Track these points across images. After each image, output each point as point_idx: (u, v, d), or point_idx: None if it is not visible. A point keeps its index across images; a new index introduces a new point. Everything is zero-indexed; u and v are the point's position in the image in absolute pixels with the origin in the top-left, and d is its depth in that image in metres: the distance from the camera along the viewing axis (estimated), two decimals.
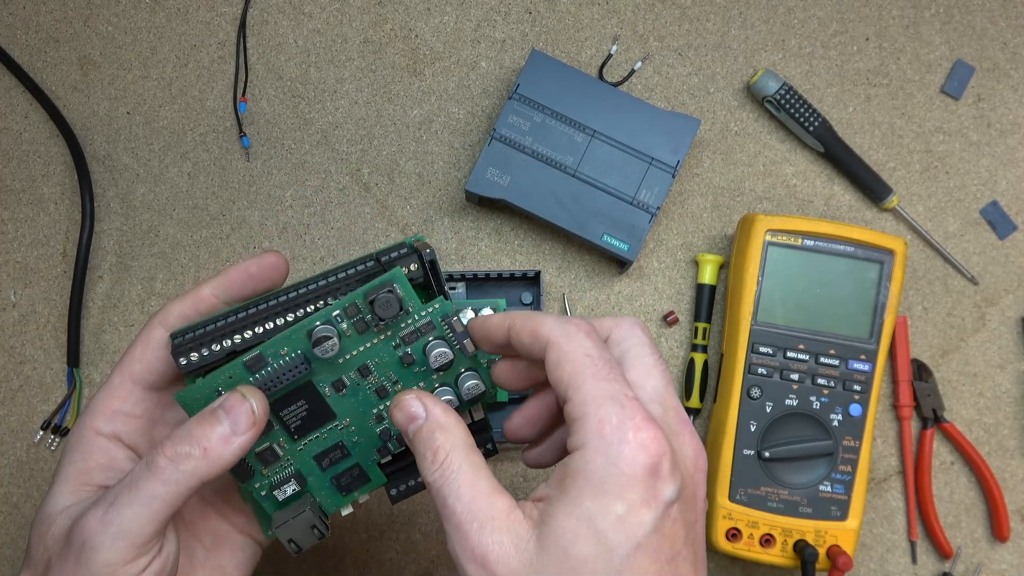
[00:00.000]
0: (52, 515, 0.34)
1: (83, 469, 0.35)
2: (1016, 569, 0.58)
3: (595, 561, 0.27)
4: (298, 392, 0.36)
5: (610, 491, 0.28)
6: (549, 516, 0.28)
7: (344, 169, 0.59)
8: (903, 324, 0.58)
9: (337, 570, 0.57)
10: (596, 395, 0.29)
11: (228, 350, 0.34)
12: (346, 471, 0.38)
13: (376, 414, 0.37)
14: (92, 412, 0.36)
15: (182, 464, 0.32)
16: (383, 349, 0.36)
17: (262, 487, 0.37)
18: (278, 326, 0.35)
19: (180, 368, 0.34)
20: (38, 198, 0.58)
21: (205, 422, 0.33)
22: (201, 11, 0.59)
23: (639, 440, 0.28)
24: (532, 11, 0.60)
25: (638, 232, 0.55)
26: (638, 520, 0.28)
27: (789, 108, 0.58)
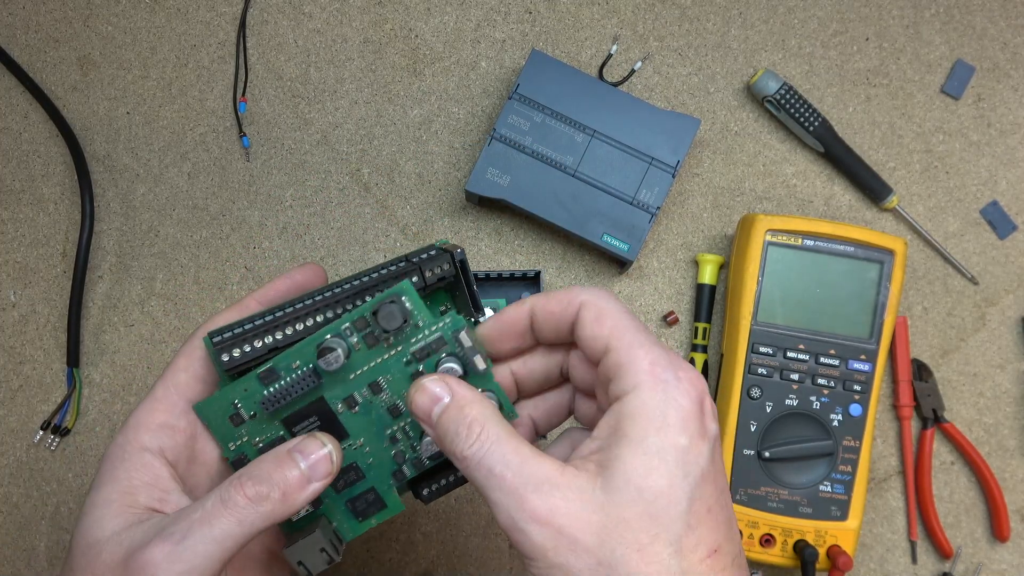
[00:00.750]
0: (100, 541, 0.32)
1: (127, 489, 0.33)
2: (1016, 569, 0.58)
3: (670, 491, 0.29)
4: (311, 408, 0.35)
5: (672, 425, 0.30)
6: (612, 460, 0.30)
7: (344, 169, 0.59)
8: (903, 324, 0.58)
9: (337, 570, 0.57)
10: (641, 341, 0.31)
11: (270, 346, 0.34)
12: (361, 495, 0.37)
13: (390, 435, 0.36)
14: (136, 426, 0.34)
15: (260, 506, 0.31)
16: (394, 365, 0.35)
17: None
18: (317, 323, 0.34)
19: (222, 365, 0.34)
20: (38, 198, 0.58)
21: (283, 464, 0.32)
22: (201, 11, 0.59)
23: (688, 379, 0.31)
24: (532, 11, 0.60)
25: (638, 232, 0.55)
26: (699, 451, 0.30)
27: (789, 108, 0.58)
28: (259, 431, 0.36)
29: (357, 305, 0.35)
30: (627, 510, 0.29)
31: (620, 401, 0.31)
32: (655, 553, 0.29)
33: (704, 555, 0.29)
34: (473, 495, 0.58)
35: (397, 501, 0.37)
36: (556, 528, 0.29)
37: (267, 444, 0.36)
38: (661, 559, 0.29)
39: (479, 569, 0.57)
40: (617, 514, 0.29)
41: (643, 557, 0.28)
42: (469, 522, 0.58)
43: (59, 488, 0.57)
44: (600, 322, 0.33)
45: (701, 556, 0.29)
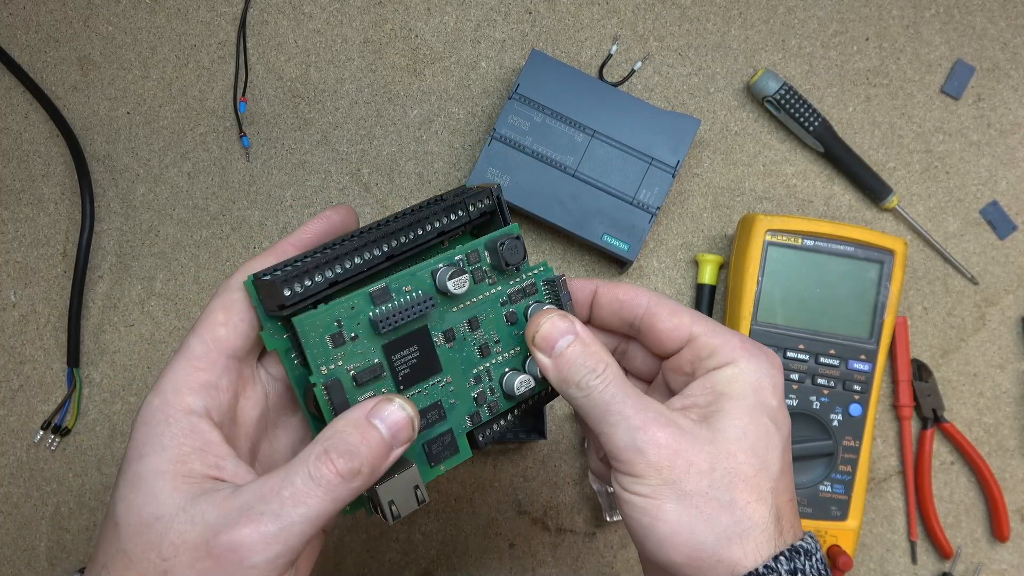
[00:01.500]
0: (163, 518, 0.29)
1: (179, 457, 0.30)
2: (1016, 569, 0.58)
3: (768, 438, 0.33)
4: (412, 338, 0.35)
5: (766, 389, 0.34)
6: (716, 412, 0.34)
7: (344, 169, 0.59)
8: (903, 324, 0.58)
9: (337, 570, 0.57)
10: (723, 327, 0.36)
11: (330, 280, 0.32)
12: (438, 437, 0.36)
13: (475, 375, 0.36)
14: (177, 388, 0.32)
15: (352, 482, 0.30)
16: (492, 304, 0.36)
17: None
18: (376, 256, 0.33)
19: (284, 300, 0.31)
20: (38, 198, 0.58)
21: (368, 434, 0.31)
22: (201, 11, 0.60)
23: (773, 355, 0.36)
24: (532, 11, 0.60)
25: (638, 232, 0.55)
26: (784, 413, 0.35)
27: (789, 108, 0.58)
28: (356, 356, 0.33)
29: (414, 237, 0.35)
30: (734, 446, 0.33)
31: (719, 370, 0.35)
32: (758, 485, 0.32)
33: (789, 498, 0.34)
34: (473, 495, 0.58)
35: (467, 447, 0.37)
36: (674, 450, 0.32)
37: (360, 371, 0.33)
38: (762, 492, 0.32)
39: (479, 569, 0.57)
40: (725, 448, 0.33)
41: (748, 486, 0.32)
42: (469, 522, 0.58)
43: (59, 488, 0.57)
44: (678, 315, 0.36)
45: (788, 498, 0.34)
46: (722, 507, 0.32)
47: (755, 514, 0.32)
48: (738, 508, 0.32)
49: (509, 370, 0.37)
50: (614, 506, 0.56)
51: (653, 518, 0.32)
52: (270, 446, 0.36)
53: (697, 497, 0.32)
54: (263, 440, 0.36)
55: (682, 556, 0.32)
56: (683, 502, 0.32)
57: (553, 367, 0.35)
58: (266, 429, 0.36)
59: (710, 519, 0.32)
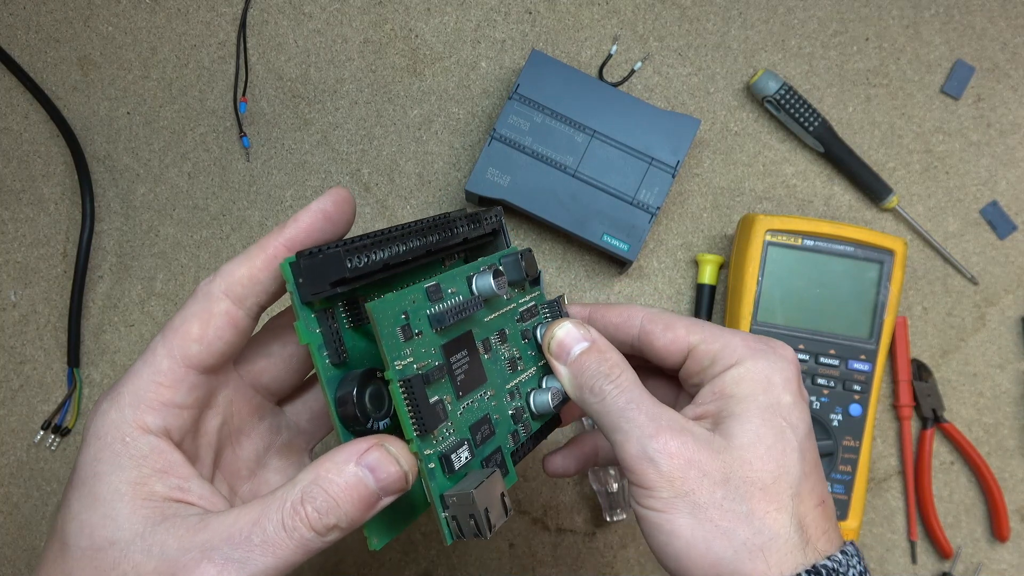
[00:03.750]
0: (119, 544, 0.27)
1: (138, 479, 0.28)
2: (1016, 569, 0.58)
3: (784, 441, 0.32)
4: (462, 341, 0.33)
5: (777, 385, 0.33)
6: (727, 417, 0.32)
7: (344, 169, 0.59)
8: (903, 324, 0.58)
9: (337, 570, 0.57)
10: (723, 329, 0.35)
11: (384, 261, 0.30)
12: (491, 455, 0.33)
13: (510, 390, 0.35)
14: (136, 403, 0.29)
15: (328, 536, 0.28)
16: (510, 319, 0.36)
17: (433, 455, 0.30)
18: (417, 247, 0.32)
19: (345, 273, 0.28)
20: (38, 198, 0.58)
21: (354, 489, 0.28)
22: (201, 11, 0.59)
23: (783, 347, 0.35)
24: (532, 11, 0.60)
25: (638, 232, 0.55)
26: (801, 409, 0.33)
27: (789, 108, 0.58)
28: (421, 354, 0.31)
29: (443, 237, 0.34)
30: (749, 452, 0.31)
31: (725, 374, 0.34)
32: (777, 493, 0.31)
33: (815, 503, 0.32)
34: None
35: (513, 469, 0.35)
36: (686, 460, 0.31)
37: (429, 370, 0.30)
38: (782, 500, 0.31)
39: (479, 569, 0.57)
40: (740, 455, 0.31)
41: (766, 495, 0.31)
42: None
43: (59, 488, 0.57)
44: (672, 328, 0.35)
45: (814, 504, 0.32)
46: (739, 519, 0.30)
47: (775, 524, 0.30)
48: (756, 519, 0.30)
49: (532, 389, 0.37)
50: (614, 506, 0.56)
51: (668, 533, 0.31)
52: (233, 454, 0.34)
53: (712, 509, 0.30)
54: (226, 448, 0.34)
55: (700, 572, 0.30)
56: (697, 515, 0.30)
57: (568, 374, 0.34)
58: (229, 437, 0.34)
59: (727, 532, 0.30)
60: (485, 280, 0.34)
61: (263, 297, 0.31)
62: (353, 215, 0.33)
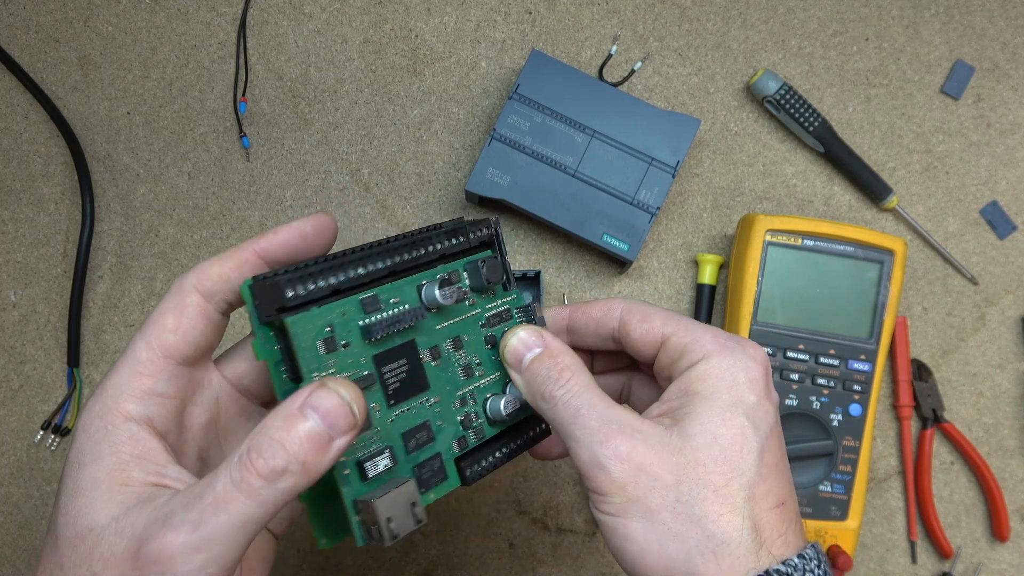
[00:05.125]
0: (95, 529, 0.28)
1: (116, 466, 0.29)
2: (1016, 569, 0.58)
3: (743, 440, 0.31)
4: (401, 350, 0.34)
5: (742, 384, 0.32)
6: (687, 415, 0.32)
7: (344, 169, 0.59)
8: (903, 324, 0.58)
9: (337, 570, 0.57)
10: (696, 324, 0.34)
11: (333, 286, 0.31)
12: (427, 462, 0.34)
13: (461, 396, 0.36)
14: (117, 394, 0.30)
15: (279, 482, 0.27)
16: (472, 325, 0.36)
17: (348, 462, 0.31)
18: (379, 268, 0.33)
19: (285, 301, 0.30)
20: (38, 198, 0.58)
21: (296, 425, 0.28)
22: (201, 11, 0.60)
23: (752, 347, 0.34)
24: (532, 11, 0.60)
25: (638, 232, 0.55)
26: (765, 409, 0.32)
27: (789, 108, 0.58)
28: (348, 364, 0.32)
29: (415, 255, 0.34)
30: (703, 453, 0.31)
31: (691, 369, 0.33)
32: (730, 495, 0.30)
33: (773, 505, 0.31)
34: (473, 495, 0.58)
35: (455, 475, 0.35)
36: (636, 465, 0.30)
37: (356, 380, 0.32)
38: (735, 501, 0.30)
39: (479, 569, 0.57)
40: (694, 457, 0.31)
41: (718, 497, 0.30)
42: (469, 522, 0.58)
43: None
44: (648, 319, 0.35)
45: (771, 505, 0.31)
46: (691, 522, 0.30)
47: (727, 527, 0.30)
48: (708, 521, 0.30)
49: (491, 395, 0.37)
50: None
51: (623, 538, 0.31)
52: (220, 452, 0.35)
53: (664, 512, 0.30)
54: (212, 447, 0.34)
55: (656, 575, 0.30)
56: (650, 519, 0.30)
57: (521, 381, 0.34)
58: (216, 436, 0.34)
59: (679, 535, 0.30)
60: (431, 290, 0.34)
61: (231, 296, 0.32)
62: (332, 241, 0.34)
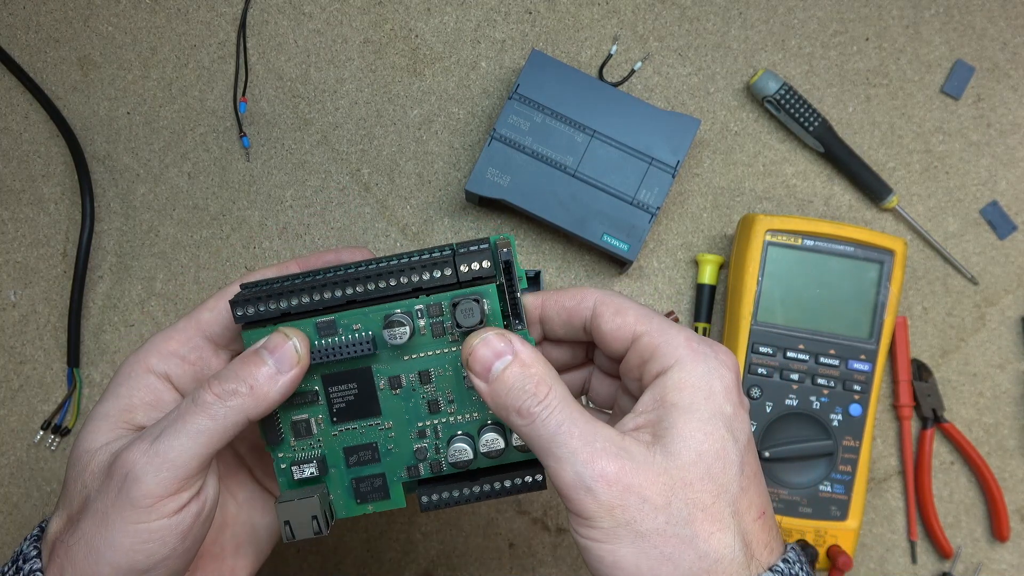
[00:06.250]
0: (91, 451, 0.33)
1: (127, 406, 0.34)
2: (1016, 569, 0.58)
3: (725, 455, 0.31)
4: (353, 375, 0.35)
5: (718, 393, 0.31)
6: (667, 428, 0.31)
7: (344, 169, 0.59)
8: (903, 324, 0.58)
9: (337, 570, 0.57)
10: (669, 324, 0.34)
11: (283, 311, 0.34)
12: (368, 478, 0.36)
13: (419, 429, 0.36)
14: (147, 350, 0.35)
15: (229, 400, 0.32)
16: (451, 362, 0.35)
17: (285, 458, 0.36)
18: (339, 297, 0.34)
19: (235, 319, 0.34)
20: (38, 198, 0.58)
21: (250, 361, 0.33)
22: (201, 11, 0.60)
23: (724, 352, 0.33)
24: (532, 11, 0.60)
25: (638, 232, 0.55)
26: (741, 418, 0.32)
27: (789, 108, 0.58)
28: None
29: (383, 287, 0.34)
30: (689, 472, 0.30)
31: (663, 375, 0.32)
32: (718, 512, 0.30)
33: (755, 516, 0.31)
34: None
35: (401, 497, 0.37)
36: (625, 487, 0.29)
37: (297, 393, 0.35)
38: (724, 518, 0.30)
39: (479, 569, 0.57)
40: (680, 476, 0.30)
41: (708, 516, 0.30)
42: (469, 522, 0.58)
43: (59, 488, 0.57)
44: (622, 314, 0.34)
45: (753, 517, 0.31)
46: (683, 543, 0.29)
47: (720, 545, 0.30)
48: (700, 542, 0.29)
49: (460, 434, 0.36)
50: None
51: (611, 565, 0.30)
52: None
53: (655, 536, 0.29)
54: None
55: None
56: (640, 543, 0.29)
57: (489, 392, 0.32)
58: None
59: (671, 559, 0.29)
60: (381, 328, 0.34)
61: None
62: None
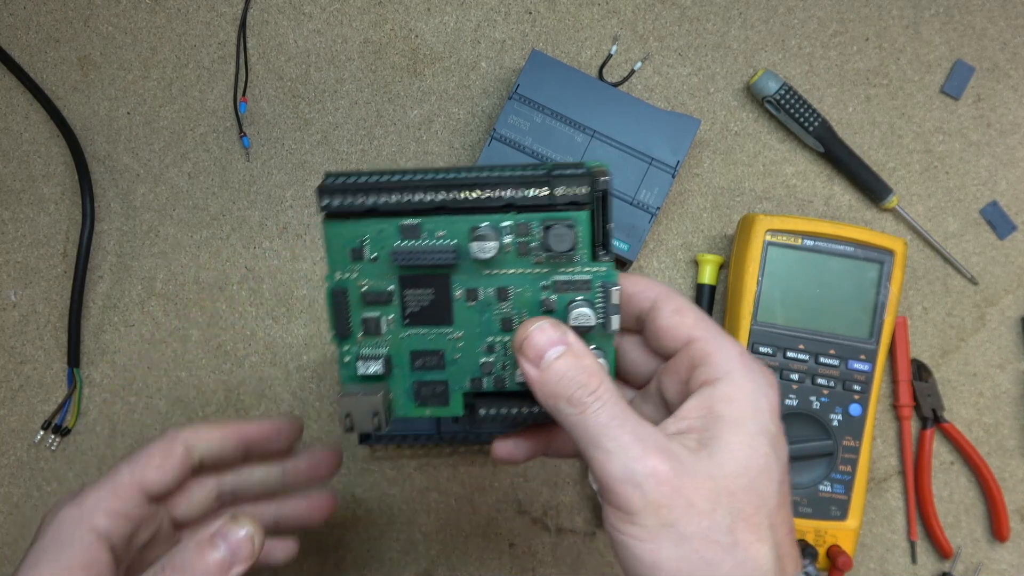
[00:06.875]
0: None
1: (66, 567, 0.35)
2: (1016, 569, 0.58)
3: (768, 470, 0.31)
4: (431, 281, 0.35)
5: (765, 412, 0.32)
6: (714, 438, 0.31)
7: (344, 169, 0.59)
8: (903, 324, 0.58)
9: (337, 570, 0.57)
10: (725, 335, 0.34)
11: (369, 206, 0.34)
12: (431, 383, 0.36)
13: (489, 344, 0.36)
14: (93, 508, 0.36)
15: None
16: (531, 283, 0.35)
17: (350, 352, 0.36)
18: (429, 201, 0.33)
19: (320, 207, 0.34)
20: (38, 198, 0.58)
21: (205, 551, 0.33)
22: (201, 11, 0.60)
23: (770, 376, 0.33)
24: (532, 11, 0.60)
25: (638, 232, 0.55)
26: (782, 439, 0.33)
27: (789, 108, 0.58)
28: (371, 275, 0.35)
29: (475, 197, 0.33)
30: (734, 482, 0.30)
31: (712, 385, 0.32)
32: (758, 523, 0.30)
33: (786, 532, 0.32)
34: (473, 495, 0.58)
35: (459, 405, 0.37)
36: (674, 487, 0.30)
37: (372, 291, 0.35)
38: (762, 530, 0.30)
39: (479, 569, 0.57)
40: (725, 485, 0.30)
41: (748, 526, 0.30)
42: (469, 522, 0.58)
43: (60, 488, 0.57)
44: (681, 314, 0.34)
45: (785, 532, 0.31)
46: (723, 550, 0.29)
47: (758, 555, 0.30)
48: (740, 550, 0.30)
49: None
50: None
51: (650, 565, 0.30)
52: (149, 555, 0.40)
53: (697, 540, 0.29)
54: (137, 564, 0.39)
55: None
56: (682, 546, 0.29)
57: (540, 379, 0.32)
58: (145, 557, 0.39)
59: (711, 564, 0.29)
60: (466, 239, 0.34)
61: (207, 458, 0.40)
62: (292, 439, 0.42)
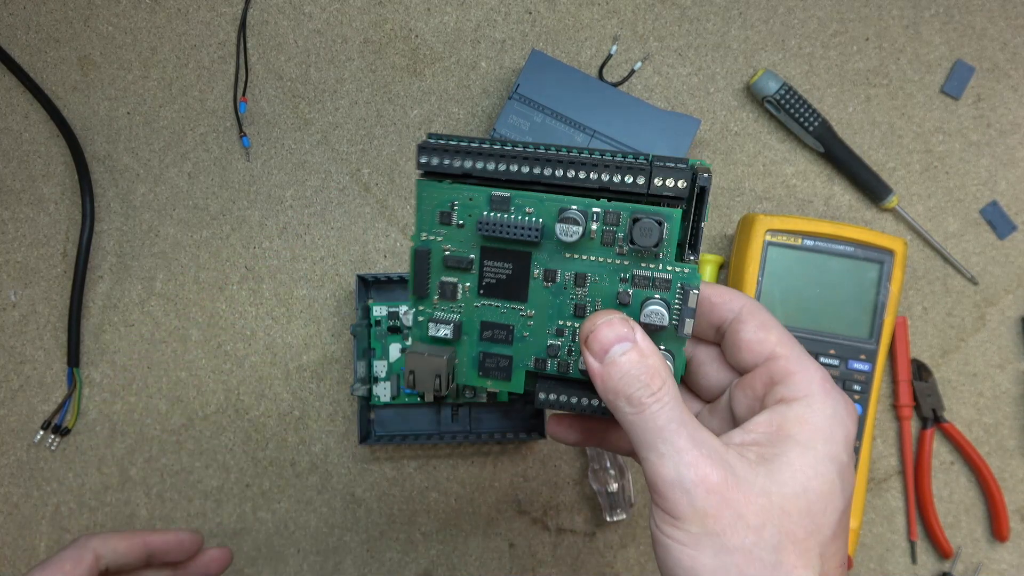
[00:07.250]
0: None
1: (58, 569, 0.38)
2: (1016, 569, 0.58)
3: (830, 498, 0.30)
4: (511, 255, 0.35)
5: (838, 441, 0.31)
6: (777, 455, 0.31)
7: (344, 169, 0.59)
8: (903, 324, 0.58)
9: (337, 570, 0.57)
10: (808, 356, 0.33)
11: (466, 170, 0.34)
12: (496, 356, 0.37)
13: (559, 327, 0.36)
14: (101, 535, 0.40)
15: None
16: (610, 273, 0.35)
17: (424, 312, 0.36)
18: (525, 173, 0.34)
19: (418, 164, 0.34)
20: (38, 198, 0.58)
21: None
22: (201, 11, 0.60)
23: (851, 406, 0.33)
24: (532, 11, 0.60)
25: None
26: (851, 471, 0.32)
27: (789, 108, 0.58)
28: (456, 241, 0.35)
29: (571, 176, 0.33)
30: (790, 503, 0.30)
31: (788, 404, 0.32)
32: (808, 549, 0.30)
33: (838, 564, 0.31)
34: (473, 495, 0.58)
35: (521, 382, 0.37)
36: (723, 498, 0.29)
37: (453, 257, 0.35)
38: (811, 557, 0.30)
39: (479, 569, 0.57)
40: (780, 504, 0.30)
41: (796, 549, 0.29)
42: (469, 522, 0.58)
43: (59, 488, 0.57)
44: (765, 329, 0.34)
45: (836, 564, 0.31)
46: (766, 568, 0.29)
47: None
48: (782, 572, 0.29)
49: None
50: (614, 506, 0.56)
51: (687, 570, 0.29)
52: None
53: (739, 554, 0.29)
54: None
55: None
56: (723, 557, 0.29)
57: (602, 374, 0.32)
58: None
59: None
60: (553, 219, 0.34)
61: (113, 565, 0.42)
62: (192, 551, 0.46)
